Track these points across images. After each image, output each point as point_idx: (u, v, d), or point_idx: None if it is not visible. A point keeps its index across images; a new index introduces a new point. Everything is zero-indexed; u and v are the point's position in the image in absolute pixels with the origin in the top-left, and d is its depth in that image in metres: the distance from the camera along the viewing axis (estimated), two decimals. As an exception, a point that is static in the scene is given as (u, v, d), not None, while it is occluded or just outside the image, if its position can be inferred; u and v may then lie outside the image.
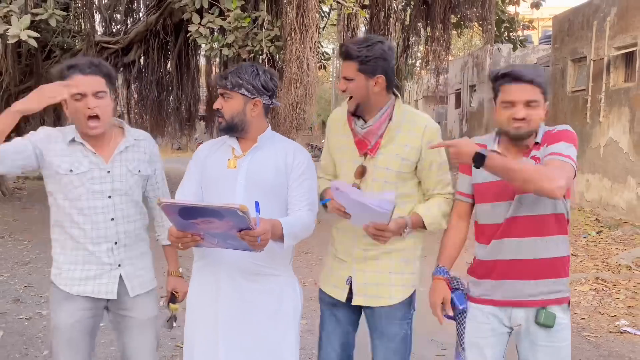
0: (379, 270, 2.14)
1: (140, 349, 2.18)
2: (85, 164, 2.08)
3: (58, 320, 2.11)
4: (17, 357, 3.62)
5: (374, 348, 2.21)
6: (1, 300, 4.72)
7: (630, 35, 8.22)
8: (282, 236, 1.92)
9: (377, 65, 2.03)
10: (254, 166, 2.06)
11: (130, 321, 2.17)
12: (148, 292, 2.22)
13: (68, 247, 2.11)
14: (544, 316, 1.94)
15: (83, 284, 2.09)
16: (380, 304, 2.14)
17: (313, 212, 2.10)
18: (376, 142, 2.10)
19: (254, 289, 2.05)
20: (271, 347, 2.06)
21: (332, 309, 2.22)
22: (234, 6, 7.05)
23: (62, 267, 2.12)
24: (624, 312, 4.60)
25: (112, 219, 2.10)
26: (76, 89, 1.97)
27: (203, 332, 2.07)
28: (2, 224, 8.12)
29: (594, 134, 9.24)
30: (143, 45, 10.20)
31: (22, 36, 6.39)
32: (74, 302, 2.09)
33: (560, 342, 1.97)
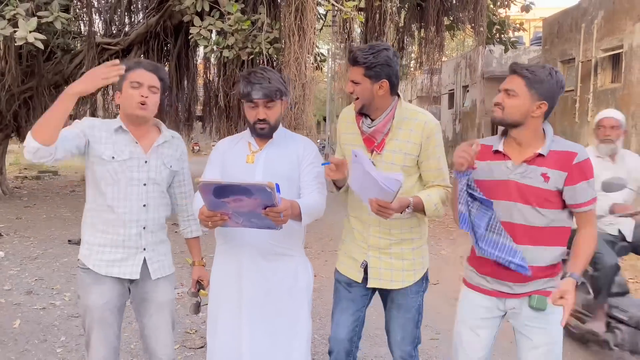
0: (392, 257, 2.35)
1: (158, 328, 2.38)
2: (126, 153, 2.28)
3: (89, 302, 2.30)
4: (36, 342, 3.83)
5: (390, 318, 2.43)
6: (15, 292, 4.91)
7: (617, 37, 8.52)
8: (299, 215, 2.16)
9: (382, 71, 2.22)
10: (270, 160, 2.30)
11: (149, 303, 2.38)
12: (167, 277, 2.43)
13: (100, 229, 2.30)
14: (537, 300, 2.10)
15: (111, 266, 2.29)
16: (393, 287, 2.36)
17: (323, 195, 2.34)
18: (382, 140, 2.31)
19: (273, 267, 2.30)
20: (288, 318, 2.31)
21: (347, 287, 2.43)
22: (234, 9, 7.28)
23: (92, 248, 2.31)
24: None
25: (144, 205, 2.32)
26: (136, 77, 2.23)
27: (227, 306, 2.32)
28: (6, 222, 8.29)
29: (582, 133, 9.54)
30: (143, 47, 10.40)
31: (30, 38, 6.60)
32: (103, 284, 2.29)
33: (552, 323, 2.11)
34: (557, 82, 2.07)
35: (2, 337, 3.89)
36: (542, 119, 2.11)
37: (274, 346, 2.30)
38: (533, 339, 2.16)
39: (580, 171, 2.05)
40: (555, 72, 2.09)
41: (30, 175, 15.03)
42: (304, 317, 2.36)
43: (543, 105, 2.06)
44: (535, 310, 2.13)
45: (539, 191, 2.07)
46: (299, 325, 2.34)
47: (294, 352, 2.32)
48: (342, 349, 2.42)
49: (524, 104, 2.06)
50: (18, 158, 17.74)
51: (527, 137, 2.11)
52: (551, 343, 2.15)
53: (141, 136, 2.34)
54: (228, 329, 2.31)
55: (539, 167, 2.07)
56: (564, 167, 2.06)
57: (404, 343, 2.40)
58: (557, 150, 2.09)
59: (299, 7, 7.19)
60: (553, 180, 2.06)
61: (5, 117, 10.43)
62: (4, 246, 6.69)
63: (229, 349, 2.32)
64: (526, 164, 2.10)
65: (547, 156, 2.08)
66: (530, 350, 2.17)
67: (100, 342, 2.30)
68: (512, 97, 2.08)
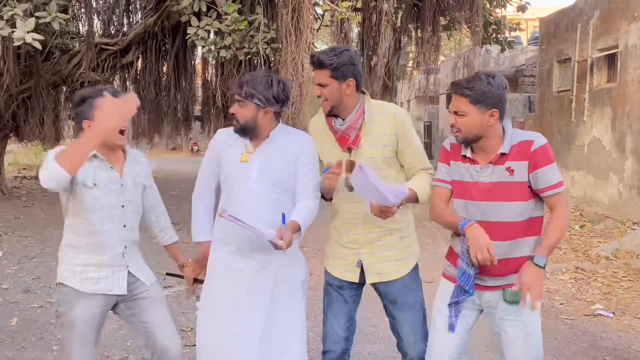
0: (384, 249, 2.40)
1: (163, 320, 2.43)
2: (104, 178, 2.32)
3: (73, 316, 2.29)
4: (33, 340, 3.87)
5: (397, 322, 2.43)
6: (12, 290, 4.96)
7: (612, 37, 8.56)
8: (299, 230, 2.25)
9: (348, 70, 2.30)
10: (266, 159, 2.33)
11: (147, 300, 2.42)
12: (156, 281, 2.51)
13: (84, 252, 2.33)
14: (510, 294, 2.14)
15: (97, 283, 2.32)
16: (391, 277, 2.40)
17: (317, 199, 2.40)
18: (356, 136, 2.36)
19: (270, 260, 2.34)
20: (284, 314, 2.37)
21: (339, 290, 2.47)
22: (231, 10, 7.31)
23: (76, 269, 2.33)
24: (599, 298, 4.91)
25: (124, 225, 2.37)
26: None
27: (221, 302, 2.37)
28: (4, 222, 8.33)
29: (578, 133, 9.57)
30: (141, 47, 10.42)
31: (27, 39, 6.62)
32: (88, 299, 2.31)
33: (527, 316, 2.16)
34: (497, 86, 2.15)
35: (0, 335, 3.93)
36: (498, 124, 2.19)
37: (269, 341, 2.34)
38: (510, 333, 2.20)
39: (540, 157, 2.13)
40: (492, 77, 2.17)
41: (29, 175, 15.04)
42: (299, 313, 2.41)
43: (494, 112, 2.16)
44: (510, 304, 2.17)
45: (506, 185, 2.16)
46: (294, 321, 2.39)
47: (290, 347, 2.37)
48: (339, 349, 2.47)
49: (476, 119, 2.15)
50: (17, 158, 17.77)
51: (489, 144, 2.20)
52: (528, 334, 2.20)
53: (114, 160, 2.38)
54: (223, 324, 2.34)
55: (504, 165, 2.17)
56: (524, 156, 2.15)
57: (417, 343, 2.42)
58: (516, 143, 2.18)
59: (295, 8, 7.21)
60: (517, 171, 2.15)
61: (3, 117, 10.46)
62: (2, 245, 6.73)
63: (223, 344, 2.35)
64: (492, 164, 2.19)
65: (509, 152, 2.17)
66: (509, 345, 2.22)
67: (82, 355, 2.30)
68: (463, 117, 2.17)
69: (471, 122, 2.16)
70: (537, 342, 2.24)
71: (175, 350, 2.40)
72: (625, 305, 4.69)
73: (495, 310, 2.23)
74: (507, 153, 2.17)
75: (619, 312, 4.51)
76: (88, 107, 2.26)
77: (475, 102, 2.14)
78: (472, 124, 2.16)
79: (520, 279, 2.07)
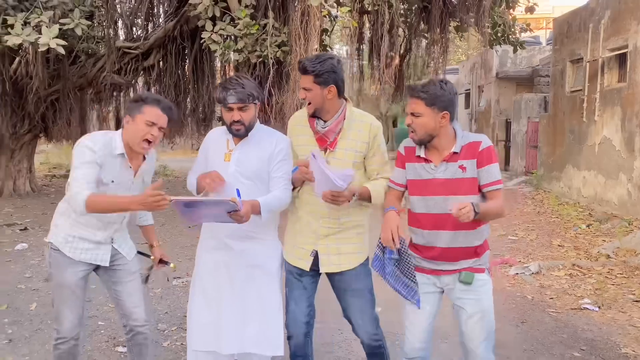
0: (339, 242, 2.64)
1: (135, 290, 2.77)
2: (120, 177, 2.61)
3: (64, 279, 2.64)
4: (49, 323, 4.22)
5: (348, 305, 2.68)
6: (34, 279, 5.35)
7: (622, 37, 8.57)
8: (259, 212, 2.49)
9: (329, 77, 2.53)
10: (242, 157, 2.62)
11: (123, 272, 2.76)
12: (135, 257, 2.85)
13: (81, 226, 2.64)
14: (464, 276, 2.45)
15: (84, 253, 2.66)
16: (344, 268, 2.64)
17: (288, 190, 2.65)
18: (334, 139, 2.60)
19: (246, 248, 2.63)
20: (260, 292, 2.64)
21: (298, 277, 2.70)
22: (243, 15, 7.62)
23: (68, 238, 2.64)
24: (589, 293, 5.03)
25: (124, 217, 2.73)
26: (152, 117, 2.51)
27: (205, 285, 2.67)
28: (32, 217, 8.82)
29: (589, 133, 9.59)
30: (162, 50, 10.85)
31: (52, 44, 7.05)
32: (76, 265, 2.65)
33: (482, 294, 2.47)
34: (449, 91, 2.40)
35: (19, 318, 4.30)
36: (449, 125, 2.44)
37: (247, 315, 2.62)
38: (467, 309, 2.48)
39: (485, 156, 2.41)
40: (445, 83, 2.43)
41: (58, 174, 15.70)
42: (274, 291, 2.68)
43: (445, 115, 2.40)
44: (464, 284, 2.45)
45: (460, 182, 2.42)
46: (270, 298, 2.66)
47: (265, 331, 2.63)
48: (301, 333, 2.70)
49: (430, 120, 2.40)
50: (48, 157, 18.51)
51: (442, 143, 2.46)
52: (483, 311, 2.47)
53: (134, 160, 2.66)
54: (202, 309, 2.64)
55: (456, 162, 2.42)
56: (473, 154, 2.42)
57: (366, 325, 2.66)
58: (466, 143, 2.44)
59: (304, 12, 7.47)
60: (469, 169, 2.41)
61: (33, 119, 11.00)
62: (28, 239, 7.18)
63: (203, 327, 2.64)
64: (445, 162, 2.44)
65: (460, 151, 2.42)
66: (466, 321, 2.49)
67: (71, 311, 2.66)
68: (419, 117, 2.41)
69: (426, 122, 2.40)
70: (490, 318, 2.51)
71: (138, 315, 2.76)
72: (613, 300, 4.81)
73: (453, 290, 2.51)
74: (458, 152, 2.43)
75: (605, 307, 4.64)
76: (137, 107, 2.55)
77: (429, 104, 2.39)
78: (426, 125, 2.41)
79: (460, 203, 2.27)
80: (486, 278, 2.51)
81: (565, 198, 10.37)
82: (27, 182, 11.58)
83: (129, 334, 2.81)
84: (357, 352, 3.61)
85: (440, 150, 2.46)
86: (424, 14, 9.22)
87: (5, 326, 4.12)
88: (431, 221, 2.46)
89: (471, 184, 2.42)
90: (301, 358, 2.73)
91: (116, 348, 3.76)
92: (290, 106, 7.75)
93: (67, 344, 2.69)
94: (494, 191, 2.42)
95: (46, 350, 3.70)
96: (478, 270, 2.47)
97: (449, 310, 2.67)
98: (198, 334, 2.67)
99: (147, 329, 2.82)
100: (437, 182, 2.44)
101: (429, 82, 2.46)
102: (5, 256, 6.26)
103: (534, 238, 7.51)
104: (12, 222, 8.28)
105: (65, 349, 2.69)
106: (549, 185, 11.53)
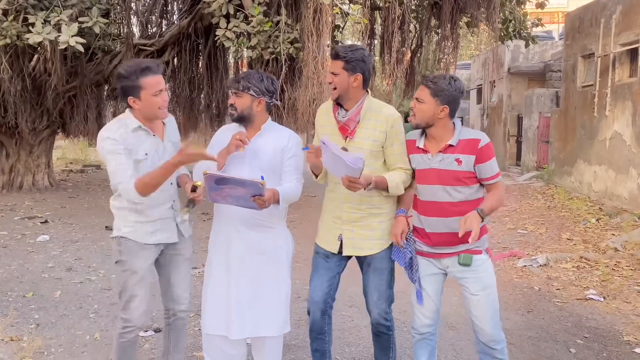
0: (363, 228, 2.80)
1: (185, 278, 2.90)
2: (151, 147, 2.69)
3: (136, 266, 2.70)
4: (73, 309, 4.43)
5: (367, 280, 2.86)
6: (57, 269, 5.57)
7: (634, 32, 8.59)
8: (278, 200, 2.65)
9: (358, 65, 2.69)
10: (257, 150, 2.77)
11: (180, 257, 2.87)
12: (190, 236, 2.95)
13: (139, 209, 2.69)
14: (462, 258, 2.63)
15: (154, 235, 2.73)
16: (364, 253, 2.81)
17: (300, 183, 2.82)
18: (354, 128, 2.76)
19: (256, 236, 2.78)
20: (269, 278, 2.79)
21: (325, 258, 2.88)
22: (256, 12, 7.77)
23: (135, 225, 2.70)
24: (596, 285, 5.14)
25: (171, 183, 2.78)
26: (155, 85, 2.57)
27: (217, 270, 2.80)
28: (52, 210, 9.08)
29: (600, 128, 9.62)
30: (176, 47, 11.03)
31: (71, 42, 7.26)
32: (147, 250, 2.74)
33: (482, 273, 2.65)
34: (455, 89, 2.57)
35: (45, 304, 4.51)
36: (448, 119, 2.61)
37: (256, 300, 2.76)
38: (470, 287, 2.66)
39: (485, 152, 2.57)
40: (455, 80, 2.59)
41: (75, 169, 16.02)
42: (283, 278, 2.83)
43: (445, 109, 2.58)
44: (463, 266, 2.63)
45: (455, 173, 2.59)
46: (279, 285, 2.81)
47: (274, 305, 2.78)
48: (318, 309, 2.86)
49: (430, 108, 2.59)
50: (65, 153, 18.87)
51: (438, 133, 2.64)
52: (486, 288, 2.65)
53: (155, 128, 2.74)
54: (217, 289, 2.79)
55: (452, 155, 2.59)
56: (472, 151, 2.58)
57: (380, 302, 2.82)
58: (464, 139, 2.59)
59: (316, 9, 7.60)
60: (465, 163, 2.58)
61: (52, 115, 11.25)
62: (49, 231, 7.42)
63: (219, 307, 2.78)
64: (441, 153, 2.61)
65: (456, 145, 2.59)
66: (471, 298, 2.67)
67: (141, 300, 2.75)
68: (421, 104, 2.60)
69: (425, 110, 2.60)
70: (494, 296, 2.68)
71: (185, 299, 2.89)
72: (618, 291, 4.91)
73: (454, 271, 2.70)
74: (454, 145, 2.60)
75: (610, 297, 4.75)
76: (133, 85, 2.55)
77: (434, 95, 2.58)
78: (426, 112, 2.60)
79: (465, 221, 2.47)
80: (484, 257, 2.67)
81: (576, 193, 10.41)
82: (46, 176, 11.86)
83: (171, 318, 2.93)
84: (366, 338, 3.76)
85: (437, 141, 2.64)
86: (434, 9, 9.30)
87: (33, 312, 4.33)
88: (430, 208, 2.65)
89: (463, 177, 2.59)
90: (316, 333, 2.89)
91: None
92: (303, 102, 7.89)
93: (133, 332, 2.75)
94: (493, 184, 2.61)
95: (71, 334, 3.90)
96: (475, 252, 2.64)
97: (456, 299, 2.82)
98: (210, 318, 2.81)
99: (187, 315, 2.95)
100: (433, 172, 2.62)
101: (441, 76, 2.64)
102: (28, 247, 6.49)
103: (544, 232, 7.60)
104: (33, 215, 8.54)
105: (131, 338, 2.75)
106: (560, 180, 11.56)
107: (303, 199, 2.99)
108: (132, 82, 2.56)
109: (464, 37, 10.80)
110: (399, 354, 3.52)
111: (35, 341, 3.71)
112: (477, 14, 8.60)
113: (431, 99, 2.57)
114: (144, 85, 2.56)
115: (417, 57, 10.03)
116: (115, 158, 2.57)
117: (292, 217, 7.99)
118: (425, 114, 2.59)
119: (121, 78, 2.59)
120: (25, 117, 10.99)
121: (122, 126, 2.66)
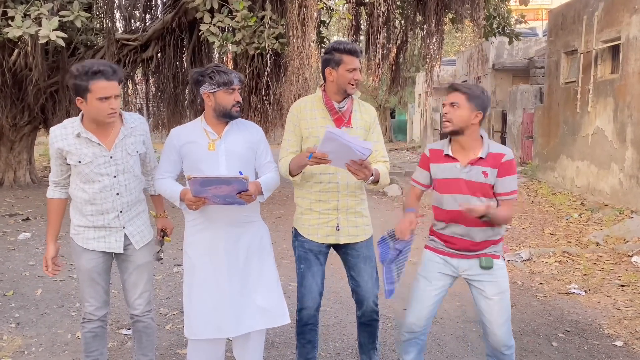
0: (357, 215, 2.91)
1: (136, 285, 2.85)
2: (89, 155, 2.60)
3: (80, 265, 2.78)
4: (55, 307, 4.38)
5: (360, 270, 2.92)
6: (38, 267, 5.49)
7: (615, 29, 8.68)
8: (261, 192, 2.73)
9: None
10: (230, 145, 2.75)
11: (130, 264, 2.82)
12: (147, 244, 2.88)
13: (84, 215, 2.71)
14: (484, 261, 2.65)
15: (96, 242, 2.73)
16: (359, 239, 2.92)
17: (277, 172, 2.88)
18: (349, 118, 2.88)
19: (241, 231, 2.80)
20: (257, 267, 2.83)
21: (317, 255, 2.92)
22: (241, 7, 7.71)
23: (79, 229, 2.74)
24: (577, 279, 5.19)
25: (117, 193, 2.70)
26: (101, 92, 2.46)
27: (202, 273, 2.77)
28: (34, 207, 8.96)
29: (583, 124, 9.73)
30: (160, 42, 10.90)
31: (52, 36, 7.14)
32: (90, 253, 2.75)
33: (499, 277, 2.68)
34: (487, 98, 2.64)
35: (25, 303, 4.45)
36: (478, 127, 2.64)
37: (254, 294, 2.80)
38: (487, 290, 2.67)
39: (506, 168, 2.61)
40: (485, 91, 2.66)
41: (57, 165, 15.78)
42: (269, 265, 2.89)
43: (479, 114, 2.60)
44: (484, 269, 2.65)
45: (481, 185, 2.61)
46: (268, 274, 2.87)
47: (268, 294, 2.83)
48: (315, 306, 2.91)
49: (466, 113, 2.60)
50: (47, 149, 18.60)
51: (468, 142, 2.64)
52: (502, 292, 2.67)
53: (104, 135, 2.63)
54: (205, 293, 2.75)
55: (481, 167, 2.61)
56: (495, 164, 2.61)
57: (374, 288, 2.95)
58: (492, 152, 2.62)
59: (301, 4, 7.57)
60: (490, 176, 2.61)
61: (33, 110, 11.08)
62: (30, 228, 7.32)
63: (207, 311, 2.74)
64: (470, 165, 2.62)
65: (485, 158, 2.61)
66: (486, 302, 2.67)
67: (91, 295, 2.79)
68: (457, 109, 2.60)
69: (462, 114, 2.59)
70: (508, 302, 2.70)
71: (139, 306, 2.86)
72: (599, 285, 4.97)
73: (472, 274, 2.70)
74: (484, 158, 2.61)
75: (591, 291, 4.80)
76: (82, 85, 2.45)
77: (469, 100, 2.59)
78: (462, 117, 2.59)
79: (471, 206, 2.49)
80: (501, 263, 2.71)
81: (559, 188, 10.52)
82: (27, 173, 11.69)
83: (131, 320, 2.94)
84: (350, 334, 3.77)
85: (466, 150, 2.64)
86: (419, 5, 9.32)
87: (13, 311, 4.27)
88: (456, 217, 2.64)
89: (488, 189, 2.62)
90: (312, 325, 2.95)
91: (120, 331, 3.92)
92: (288, 98, 7.85)
93: (92, 323, 2.82)
94: (507, 200, 2.62)
95: (52, 333, 3.85)
96: (495, 256, 2.68)
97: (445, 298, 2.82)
98: (200, 323, 2.76)
99: (147, 318, 2.92)
100: (462, 182, 2.63)
101: (470, 84, 2.69)
102: (9, 245, 6.40)
103: (527, 227, 7.67)
104: (14, 213, 8.43)
105: (90, 328, 2.83)
106: (543, 175, 11.68)
107: (289, 195, 2.99)
108: (80, 82, 2.48)
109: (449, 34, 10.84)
110: (383, 349, 3.53)
111: (15, 340, 3.66)
112: (461, 10, 8.63)
113: (467, 104, 2.58)
114: (92, 89, 2.47)
115: (402, 53, 10.04)
116: (53, 165, 2.70)
117: (278, 212, 8.12)
118: (461, 119, 2.59)
119: (71, 76, 2.50)
120: (6, 112, 10.81)
121: (65, 128, 2.63)
